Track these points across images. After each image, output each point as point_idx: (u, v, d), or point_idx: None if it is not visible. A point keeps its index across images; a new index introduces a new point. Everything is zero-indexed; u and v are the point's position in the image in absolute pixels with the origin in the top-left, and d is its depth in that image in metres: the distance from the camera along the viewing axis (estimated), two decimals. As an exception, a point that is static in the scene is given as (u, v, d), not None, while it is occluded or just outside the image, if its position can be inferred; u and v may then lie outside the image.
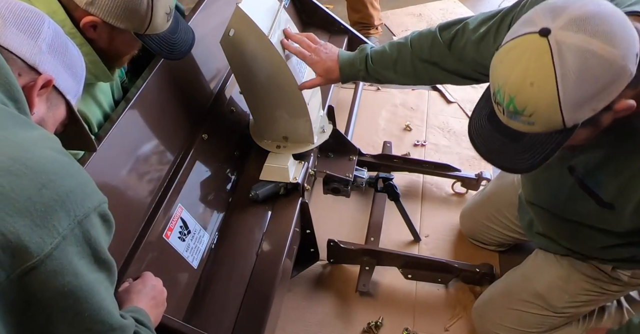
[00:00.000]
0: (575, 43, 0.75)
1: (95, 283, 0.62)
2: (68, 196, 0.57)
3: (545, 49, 0.76)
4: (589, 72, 0.75)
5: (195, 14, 1.43)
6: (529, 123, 0.81)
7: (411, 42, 1.23)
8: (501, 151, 0.88)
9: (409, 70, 1.24)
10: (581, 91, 0.76)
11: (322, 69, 1.27)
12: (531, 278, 1.35)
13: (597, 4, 0.77)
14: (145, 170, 1.15)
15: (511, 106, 0.80)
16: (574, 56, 0.75)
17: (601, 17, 0.75)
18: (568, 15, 0.76)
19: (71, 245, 0.57)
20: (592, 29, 0.75)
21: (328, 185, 1.59)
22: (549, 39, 0.76)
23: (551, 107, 0.77)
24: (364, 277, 1.56)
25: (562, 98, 0.76)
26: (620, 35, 0.75)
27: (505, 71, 0.80)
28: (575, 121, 0.80)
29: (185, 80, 1.35)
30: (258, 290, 1.21)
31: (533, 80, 0.77)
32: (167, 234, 1.12)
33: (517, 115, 0.81)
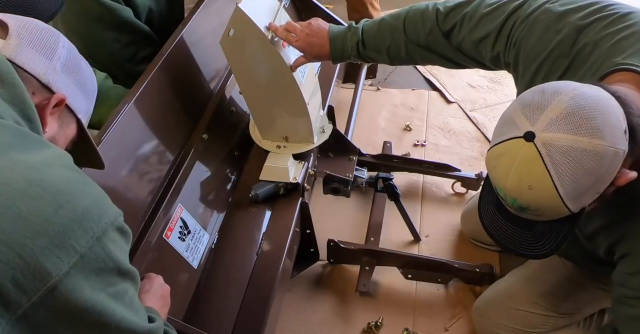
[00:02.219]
0: (562, 144, 0.75)
1: (119, 295, 0.62)
2: (84, 214, 0.58)
3: (535, 155, 0.76)
4: (582, 168, 0.76)
5: (195, 14, 1.43)
6: (537, 215, 0.83)
7: (405, 26, 1.18)
8: (518, 240, 0.90)
9: (402, 55, 1.21)
10: (579, 184, 0.77)
11: (305, 43, 1.21)
12: (535, 278, 1.35)
13: (572, 97, 0.77)
14: (145, 170, 1.15)
15: (516, 205, 0.82)
16: (564, 157, 0.75)
17: (581, 111, 0.76)
18: (547, 115, 0.77)
19: (90, 262, 0.58)
20: (574, 126, 0.75)
21: (328, 185, 1.59)
22: (535, 143, 0.76)
23: (554, 202, 0.79)
24: (364, 277, 1.56)
25: (562, 194, 0.77)
26: (604, 125, 0.75)
27: (502, 177, 0.81)
28: (581, 206, 0.81)
29: (185, 80, 1.35)
30: (258, 290, 1.21)
31: (530, 184, 0.78)
32: (167, 234, 1.12)
33: (523, 210, 0.83)
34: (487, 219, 0.94)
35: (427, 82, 2.42)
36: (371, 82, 2.41)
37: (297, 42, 1.21)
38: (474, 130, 2.16)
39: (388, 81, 2.44)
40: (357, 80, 2.06)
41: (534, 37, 1.02)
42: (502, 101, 2.31)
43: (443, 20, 1.14)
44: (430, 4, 1.18)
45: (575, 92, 0.78)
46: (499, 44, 1.08)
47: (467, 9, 1.12)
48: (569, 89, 0.79)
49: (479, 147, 2.08)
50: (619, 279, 0.97)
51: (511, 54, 1.07)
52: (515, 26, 1.05)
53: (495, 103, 2.30)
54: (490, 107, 2.28)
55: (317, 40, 1.21)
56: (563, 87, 0.80)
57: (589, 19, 0.96)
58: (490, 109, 2.26)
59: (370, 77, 2.34)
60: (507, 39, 1.06)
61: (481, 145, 2.09)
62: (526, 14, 1.04)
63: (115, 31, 1.48)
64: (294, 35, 1.21)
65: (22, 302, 0.53)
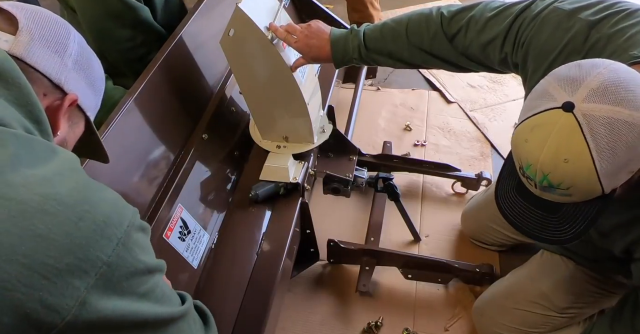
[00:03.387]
0: (603, 115, 0.73)
1: (150, 292, 0.62)
2: (106, 222, 0.56)
3: (574, 126, 0.74)
4: (622, 141, 0.73)
5: (195, 14, 1.43)
6: (566, 195, 0.80)
7: (408, 30, 1.17)
8: (541, 225, 0.87)
9: (405, 59, 1.20)
10: (617, 160, 0.74)
11: (304, 44, 1.21)
12: (536, 277, 1.35)
13: (612, 70, 0.76)
14: (145, 170, 1.15)
15: (545, 182, 0.79)
16: (604, 128, 0.73)
17: (621, 84, 0.74)
18: (588, 86, 0.74)
19: (119, 268, 0.57)
20: (615, 97, 0.73)
21: (328, 185, 1.59)
22: (574, 113, 0.74)
23: (589, 179, 0.76)
24: (364, 277, 1.56)
25: (599, 170, 0.75)
26: None
27: (534, 150, 0.77)
28: (614, 186, 0.79)
29: (185, 80, 1.35)
30: (258, 290, 1.21)
31: (567, 157, 0.75)
32: (167, 234, 1.12)
33: (552, 189, 0.79)
34: (507, 204, 0.90)
35: (427, 82, 2.43)
36: (371, 82, 2.41)
37: (296, 43, 1.21)
38: (474, 130, 2.17)
39: (388, 81, 2.44)
40: (357, 81, 2.06)
41: (544, 35, 1.01)
42: (502, 100, 2.31)
43: (447, 25, 1.13)
44: (434, 9, 1.17)
45: (613, 67, 0.76)
46: (507, 46, 1.07)
47: (473, 13, 1.11)
48: (607, 63, 0.77)
49: (479, 147, 2.08)
50: None
51: (519, 55, 1.06)
52: (523, 26, 1.04)
53: (495, 103, 2.30)
54: (490, 107, 2.28)
55: (316, 42, 1.21)
56: (600, 62, 0.78)
57: (600, 15, 0.95)
58: (490, 109, 2.26)
59: (370, 77, 2.34)
60: (514, 40, 1.06)
61: (481, 145, 2.09)
62: (534, 14, 1.03)
63: (131, 29, 1.48)
64: (294, 36, 1.21)
65: (56, 322, 0.52)
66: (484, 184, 1.83)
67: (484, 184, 1.83)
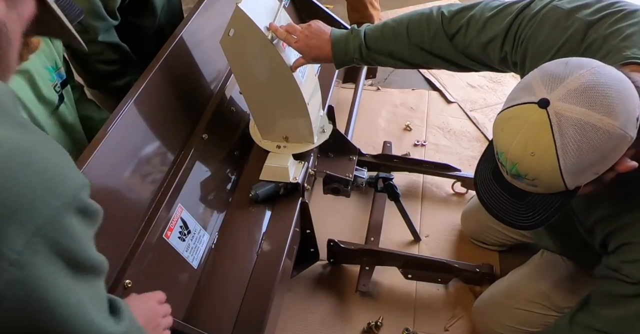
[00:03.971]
0: (574, 116, 0.75)
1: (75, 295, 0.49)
2: (19, 201, 0.42)
3: (545, 122, 0.77)
4: (588, 144, 0.76)
5: (195, 14, 1.43)
6: (532, 185, 0.83)
7: (409, 30, 1.17)
8: (507, 209, 0.90)
9: (406, 58, 1.21)
10: (581, 160, 0.77)
11: (304, 45, 1.21)
12: (537, 277, 1.35)
13: (594, 74, 0.77)
14: (145, 170, 1.15)
15: (514, 170, 0.82)
16: (573, 129, 0.76)
17: (599, 88, 0.76)
18: (566, 86, 0.77)
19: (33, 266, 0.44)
20: (590, 101, 0.75)
21: (328, 185, 1.59)
22: (548, 111, 0.77)
23: (553, 174, 0.79)
24: (364, 277, 1.56)
25: (563, 167, 0.78)
26: (619, 106, 0.75)
27: (507, 139, 0.81)
28: (577, 184, 0.81)
29: (185, 80, 1.35)
30: (258, 290, 1.21)
31: (534, 151, 0.78)
32: (167, 234, 1.12)
33: (520, 177, 0.83)
34: (482, 185, 0.94)
35: (427, 82, 2.43)
36: (371, 82, 2.41)
37: (297, 43, 1.21)
38: (474, 130, 2.17)
39: (388, 81, 2.44)
40: (357, 81, 2.06)
41: (542, 34, 1.01)
42: (502, 101, 2.31)
43: (448, 24, 1.14)
44: (434, 9, 1.17)
45: (598, 69, 0.78)
46: (506, 45, 1.07)
47: (473, 12, 1.12)
48: (593, 65, 0.79)
49: (479, 147, 2.08)
50: (612, 265, 0.97)
51: (518, 53, 1.06)
52: (522, 25, 1.04)
53: (495, 103, 2.30)
54: (490, 107, 2.28)
55: (317, 42, 1.21)
56: (587, 62, 0.80)
57: (598, 15, 0.96)
58: (490, 109, 2.26)
59: (370, 77, 2.34)
60: (514, 39, 1.06)
61: (481, 145, 2.09)
62: (533, 12, 1.03)
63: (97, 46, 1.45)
64: (294, 36, 1.21)
65: None
66: (484, 184, 1.82)
67: (484, 184, 1.82)
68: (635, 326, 0.98)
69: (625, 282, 0.95)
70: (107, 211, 1.02)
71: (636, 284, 0.94)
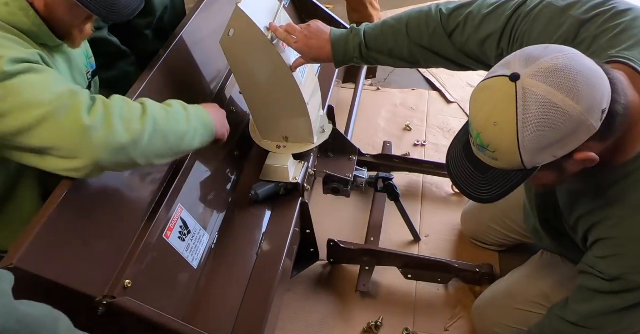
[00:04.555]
0: (539, 93, 0.78)
1: None
2: None
3: (512, 94, 0.80)
4: (548, 122, 0.78)
5: (195, 14, 1.43)
6: (493, 158, 0.86)
7: (408, 27, 1.18)
8: (469, 181, 0.93)
9: (405, 56, 1.21)
10: (539, 138, 0.79)
11: (303, 45, 1.21)
12: (537, 278, 1.35)
13: (569, 58, 0.80)
14: (146, 170, 1.15)
15: (479, 140, 0.85)
16: (536, 105, 0.78)
17: (569, 72, 0.78)
18: (539, 65, 0.80)
19: None
20: (557, 81, 0.78)
21: (328, 185, 1.59)
22: (516, 84, 0.80)
23: (511, 148, 0.81)
24: (364, 277, 1.56)
25: (520, 142, 0.80)
26: (584, 92, 0.78)
27: (476, 108, 0.85)
28: (534, 164, 0.84)
29: (185, 80, 1.35)
30: (258, 290, 1.21)
31: (497, 121, 0.81)
32: (167, 234, 1.12)
33: (483, 149, 0.86)
34: (452, 155, 0.97)
35: (427, 82, 2.42)
36: (371, 82, 2.41)
37: (296, 44, 1.21)
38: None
39: (388, 81, 2.44)
40: (357, 81, 2.06)
41: (536, 30, 1.03)
42: (502, 101, 2.31)
43: (447, 21, 1.15)
44: (433, 6, 1.18)
45: (573, 56, 0.81)
46: (503, 42, 1.08)
47: (470, 9, 1.13)
48: (570, 52, 0.82)
49: (479, 147, 2.08)
50: (588, 261, 1.00)
51: (514, 50, 1.05)
52: (518, 22, 1.05)
53: (495, 103, 2.30)
54: (490, 107, 2.27)
55: (316, 42, 1.21)
56: (566, 49, 0.83)
57: (591, 14, 0.98)
58: (490, 109, 2.26)
59: (370, 77, 2.34)
60: (510, 36, 1.07)
61: (481, 145, 2.09)
62: (529, 9, 1.05)
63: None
64: (294, 37, 1.21)
65: None
66: (484, 184, 1.82)
67: (484, 184, 1.82)
68: (605, 322, 1.02)
69: (600, 278, 0.97)
70: (108, 211, 1.03)
71: (609, 281, 0.97)
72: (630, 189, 0.91)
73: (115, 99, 0.96)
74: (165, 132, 0.99)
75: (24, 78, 0.88)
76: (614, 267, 0.95)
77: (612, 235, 0.95)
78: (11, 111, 0.86)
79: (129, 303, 0.96)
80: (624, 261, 0.94)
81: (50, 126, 0.86)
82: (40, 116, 0.86)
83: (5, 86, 0.86)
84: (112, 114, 0.91)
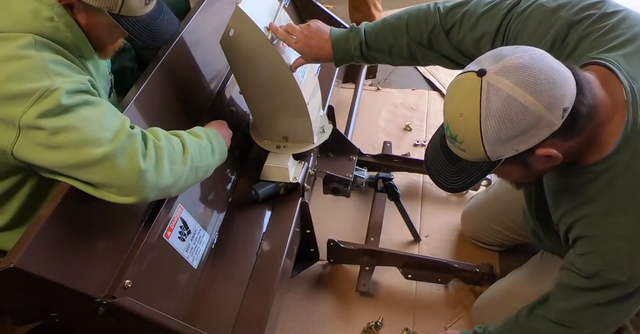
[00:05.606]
0: (501, 88, 0.83)
1: None
2: None
3: (477, 88, 0.84)
4: (508, 116, 0.83)
5: (195, 14, 1.43)
6: (461, 149, 0.90)
7: (407, 25, 1.19)
8: (440, 170, 0.98)
9: (404, 54, 1.22)
10: (499, 130, 0.83)
11: (303, 45, 1.21)
12: (537, 278, 1.35)
13: (533, 58, 0.84)
14: (145, 170, 1.15)
15: (448, 131, 0.91)
16: (498, 99, 0.83)
17: (531, 70, 0.82)
18: (504, 63, 0.84)
19: None
20: (519, 78, 0.82)
21: (328, 185, 1.59)
22: (482, 79, 0.84)
23: (475, 139, 0.86)
24: (364, 277, 1.56)
25: (483, 133, 0.85)
26: (545, 90, 0.82)
27: (447, 100, 0.91)
28: (497, 156, 0.88)
29: (185, 81, 1.35)
30: (258, 290, 1.21)
31: (463, 112, 0.86)
32: (167, 234, 1.12)
33: (453, 140, 0.90)
34: (430, 145, 1.03)
35: (427, 82, 2.42)
36: (371, 82, 2.41)
37: (296, 44, 1.21)
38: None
39: (388, 81, 2.44)
40: (357, 81, 2.06)
41: (528, 31, 1.05)
42: (502, 100, 2.31)
43: (444, 18, 1.16)
44: (431, 4, 1.19)
45: (539, 56, 0.85)
46: (497, 41, 1.09)
47: (467, 7, 1.14)
48: (537, 52, 0.86)
49: (479, 147, 2.08)
50: (569, 258, 1.03)
51: None
52: (512, 22, 1.07)
53: (495, 103, 2.30)
54: (490, 107, 2.27)
55: (316, 42, 1.21)
56: (533, 49, 0.87)
57: (580, 16, 1.00)
58: (490, 109, 2.26)
59: (370, 77, 2.34)
60: (503, 35, 1.09)
61: (481, 145, 2.09)
62: (521, 10, 1.07)
63: None
64: (294, 37, 1.21)
65: None
66: (484, 184, 1.82)
67: (484, 184, 1.82)
68: (584, 320, 1.05)
69: (578, 275, 1.00)
70: (108, 211, 1.03)
71: (586, 278, 0.99)
72: (603, 188, 0.93)
73: (161, 138, 1.00)
74: (198, 168, 1.07)
75: (81, 112, 0.89)
76: (590, 264, 0.98)
77: (588, 233, 0.97)
78: (67, 146, 0.87)
79: (129, 303, 0.96)
80: (599, 258, 0.96)
81: (108, 167, 0.89)
82: (99, 156, 0.88)
83: (63, 119, 0.87)
84: (162, 158, 0.96)
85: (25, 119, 0.86)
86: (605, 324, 1.06)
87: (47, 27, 0.96)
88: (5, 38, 0.92)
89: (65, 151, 0.88)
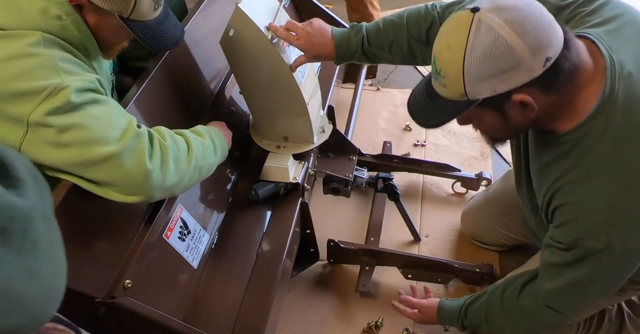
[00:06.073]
0: (490, 24, 0.85)
1: None
2: None
3: (467, 22, 0.87)
4: (492, 52, 0.85)
5: (195, 14, 1.43)
6: (443, 85, 0.93)
7: (407, 22, 1.22)
8: (421, 106, 1.02)
9: (404, 52, 1.24)
10: (481, 66, 0.86)
11: (306, 41, 1.22)
12: None
13: (527, 3, 0.87)
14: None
15: (434, 67, 0.93)
16: (485, 34, 0.85)
17: (522, 12, 0.85)
18: (499, 2, 0.87)
19: None
20: (509, 17, 0.84)
21: (328, 185, 1.59)
22: (474, 15, 0.87)
23: (457, 73, 0.88)
24: (364, 277, 1.56)
25: (465, 67, 0.87)
26: (531, 32, 0.84)
27: (439, 35, 0.94)
28: (475, 95, 0.90)
29: (185, 81, 1.35)
30: (258, 290, 1.21)
31: (450, 45, 0.89)
32: (167, 234, 1.12)
33: (437, 75, 0.93)
34: (417, 86, 1.06)
35: (427, 82, 2.42)
36: (371, 82, 2.41)
37: (299, 40, 1.21)
38: (473, 130, 2.16)
39: (388, 81, 2.44)
40: (357, 80, 2.06)
41: None
42: (502, 101, 2.31)
43: (442, 15, 1.19)
44: (429, 4, 1.22)
45: (534, 3, 0.88)
46: None
47: (463, 5, 1.14)
48: (533, 1, 0.89)
49: (479, 147, 2.08)
50: (549, 233, 1.04)
51: None
52: None
53: (495, 103, 2.30)
54: (490, 107, 2.27)
55: (319, 39, 1.22)
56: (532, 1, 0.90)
57: (567, 1, 1.04)
58: (490, 109, 2.26)
59: (370, 77, 2.34)
60: None
61: (481, 145, 2.09)
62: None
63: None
64: (295, 34, 1.21)
65: None
66: (483, 184, 1.83)
67: (483, 184, 1.83)
68: (571, 298, 1.06)
69: (558, 248, 1.01)
70: (108, 211, 1.03)
71: (565, 250, 0.99)
72: (580, 155, 0.95)
73: (166, 138, 1.01)
74: (202, 167, 1.08)
75: (90, 110, 0.90)
76: (569, 234, 0.98)
77: (566, 201, 0.98)
78: (74, 144, 0.88)
79: (129, 303, 0.96)
80: (577, 226, 0.97)
81: (115, 166, 0.89)
82: (106, 154, 0.88)
83: (71, 117, 0.87)
84: (167, 157, 0.97)
85: (34, 117, 0.86)
86: (589, 301, 1.09)
87: (55, 25, 0.96)
88: (14, 35, 0.91)
89: (73, 149, 0.88)
